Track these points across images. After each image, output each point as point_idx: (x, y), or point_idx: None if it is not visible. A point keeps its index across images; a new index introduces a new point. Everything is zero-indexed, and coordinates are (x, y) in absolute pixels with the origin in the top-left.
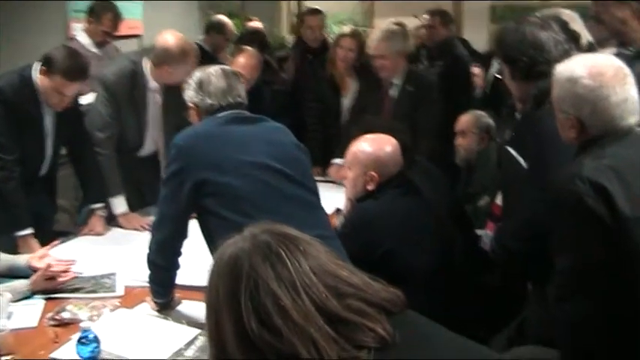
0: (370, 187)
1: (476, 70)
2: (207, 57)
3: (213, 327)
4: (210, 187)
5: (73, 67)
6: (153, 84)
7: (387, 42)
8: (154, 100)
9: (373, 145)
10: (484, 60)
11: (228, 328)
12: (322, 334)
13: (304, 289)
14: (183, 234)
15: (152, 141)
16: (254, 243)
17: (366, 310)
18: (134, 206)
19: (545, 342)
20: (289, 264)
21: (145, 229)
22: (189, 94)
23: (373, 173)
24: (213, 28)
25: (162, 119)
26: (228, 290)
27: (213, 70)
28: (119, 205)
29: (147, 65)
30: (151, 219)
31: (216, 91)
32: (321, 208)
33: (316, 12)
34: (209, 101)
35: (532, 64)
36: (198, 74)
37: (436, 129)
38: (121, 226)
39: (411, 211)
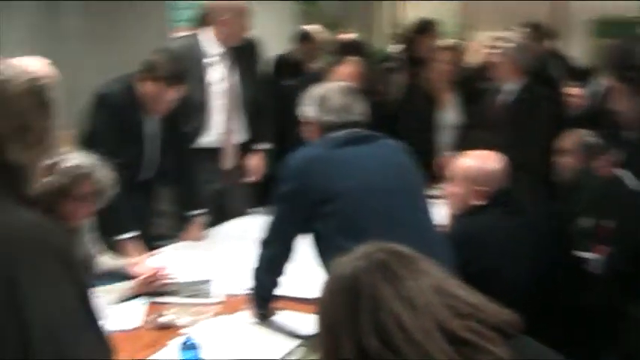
0: (476, 203)
1: (574, 90)
2: (296, 67)
3: (331, 346)
4: (325, 211)
5: (175, 72)
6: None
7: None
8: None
9: (479, 161)
10: (583, 77)
11: (348, 348)
12: (443, 355)
13: (425, 308)
14: (291, 253)
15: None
16: (371, 262)
17: (485, 332)
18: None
19: None
20: (408, 283)
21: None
22: (307, 110)
23: (479, 188)
24: (303, 38)
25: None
26: (346, 309)
27: (334, 86)
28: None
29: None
30: None
31: (335, 108)
32: (437, 235)
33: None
34: (327, 118)
35: None
36: (318, 90)
37: (543, 142)
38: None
39: (513, 231)
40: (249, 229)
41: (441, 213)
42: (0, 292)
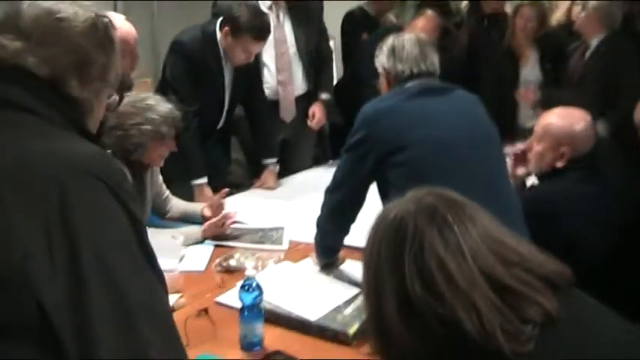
0: (559, 164)
1: None
2: (370, 20)
3: (373, 287)
4: (393, 161)
5: (260, 26)
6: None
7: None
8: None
9: (567, 120)
10: None
11: (389, 289)
12: (486, 302)
13: (471, 254)
14: (357, 202)
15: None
16: (420, 206)
17: (532, 282)
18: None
19: None
20: (456, 228)
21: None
22: (381, 60)
23: (564, 149)
24: None
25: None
26: (391, 251)
27: (407, 37)
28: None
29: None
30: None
31: (408, 57)
32: (509, 191)
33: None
34: (400, 67)
35: None
36: (391, 40)
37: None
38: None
39: (594, 197)
40: (322, 180)
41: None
42: (53, 215)
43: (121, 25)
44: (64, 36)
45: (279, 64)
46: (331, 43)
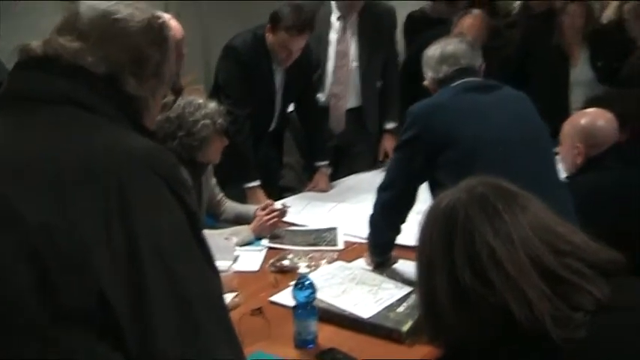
0: (578, 161)
1: None
2: (429, 23)
3: (425, 275)
4: (444, 158)
5: (295, 21)
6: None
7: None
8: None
9: (582, 118)
10: None
11: (440, 278)
12: (536, 290)
13: (520, 242)
14: (409, 201)
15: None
16: (471, 194)
17: (583, 271)
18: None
19: None
20: (506, 217)
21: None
22: (427, 65)
23: (579, 145)
24: None
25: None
26: (442, 239)
27: (446, 40)
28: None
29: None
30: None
31: (447, 59)
32: (559, 189)
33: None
34: (445, 69)
35: None
36: (431, 49)
37: None
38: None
39: (634, 186)
40: (374, 182)
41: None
42: (112, 209)
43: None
44: (120, 35)
45: (336, 75)
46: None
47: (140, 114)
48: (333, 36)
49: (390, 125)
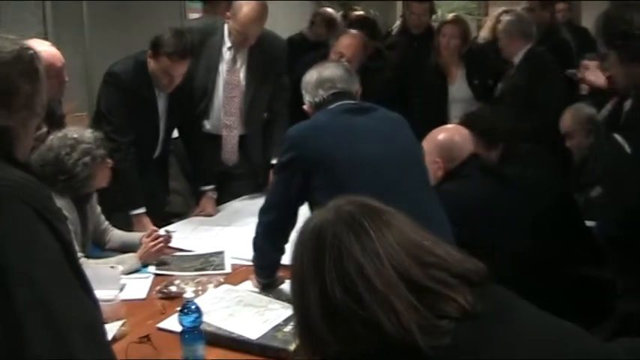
0: (439, 174)
1: (590, 63)
2: (309, 47)
3: (298, 295)
4: (319, 181)
5: (177, 47)
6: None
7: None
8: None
9: (439, 134)
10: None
11: (313, 296)
12: (403, 302)
13: (387, 257)
14: (290, 222)
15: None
16: (338, 214)
17: (448, 280)
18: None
19: None
20: (372, 233)
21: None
22: (305, 89)
23: (438, 160)
24: (317, 19)
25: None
26: (312, 259)
27: (322, 65)
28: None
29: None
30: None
31: (317, 85)
32: (437, 207)
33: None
34: (310, 98)
35: None
36: (308, 75)
37: (556, 106)
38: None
39: (494, 194)
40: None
41: None
42: None
43: (46, 49)
44: None
45: (227, 106)
46: None
47: (11, 145)
48: (223, 67)
49: (275, 161)
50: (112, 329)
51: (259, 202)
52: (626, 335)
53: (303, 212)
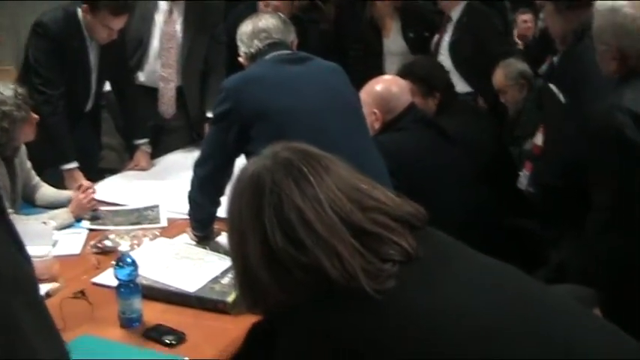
0: (377, 126)
1: (525, 16)
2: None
3: (238, 244)
4: (257, 130)
5: (118, 1)
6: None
7: None
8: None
9: (376, 85)
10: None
11: (253, 244)
12: (346, 247)
13: (328, 202)
14: (225, 174)
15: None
16: (276, 160)
17: (390, 224)
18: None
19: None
20: (312, 179)
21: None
22: (240, 41)
23: (376, 111)
24: None
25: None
26: (251, 206)
27: (256, 16)
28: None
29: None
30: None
31: (252, 35)
32: (376, 156)
33: None
34: (246, 48)
35: None
36: (246, 23)
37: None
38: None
39: (433, 145)
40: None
41: None
42: None
43: None
44: None
45: (163, 59)
46: None
47: None
48: (159, 17)
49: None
50: (44, 287)
51: (194, 155)
52: (560, 281)
53: (239, 164)
